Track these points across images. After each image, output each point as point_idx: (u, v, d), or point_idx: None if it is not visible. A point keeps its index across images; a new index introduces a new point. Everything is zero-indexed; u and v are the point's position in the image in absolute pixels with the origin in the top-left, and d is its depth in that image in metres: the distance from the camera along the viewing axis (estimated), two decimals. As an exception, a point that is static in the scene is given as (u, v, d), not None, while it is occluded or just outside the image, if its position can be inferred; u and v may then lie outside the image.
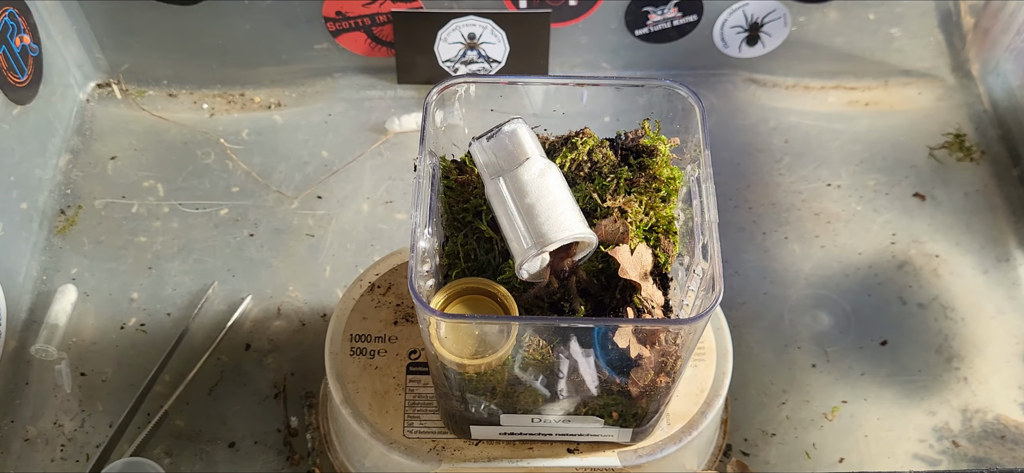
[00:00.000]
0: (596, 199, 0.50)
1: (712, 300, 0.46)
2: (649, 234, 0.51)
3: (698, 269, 0.49)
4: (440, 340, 0.48)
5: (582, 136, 0.52)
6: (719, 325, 0.62)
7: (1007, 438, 0.70)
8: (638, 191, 0.51)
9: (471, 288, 0.48)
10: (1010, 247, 0.80)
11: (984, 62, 0.91)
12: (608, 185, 0.51)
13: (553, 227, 0.46)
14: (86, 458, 0.68)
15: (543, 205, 0.46)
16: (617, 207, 0.50)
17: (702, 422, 0.58)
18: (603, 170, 0.51)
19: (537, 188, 0.47)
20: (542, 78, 0.50)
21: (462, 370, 0.48)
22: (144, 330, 0.74)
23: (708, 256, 0.48)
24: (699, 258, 0.49)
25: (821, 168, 0.85)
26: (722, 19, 0.87)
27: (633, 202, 0.50)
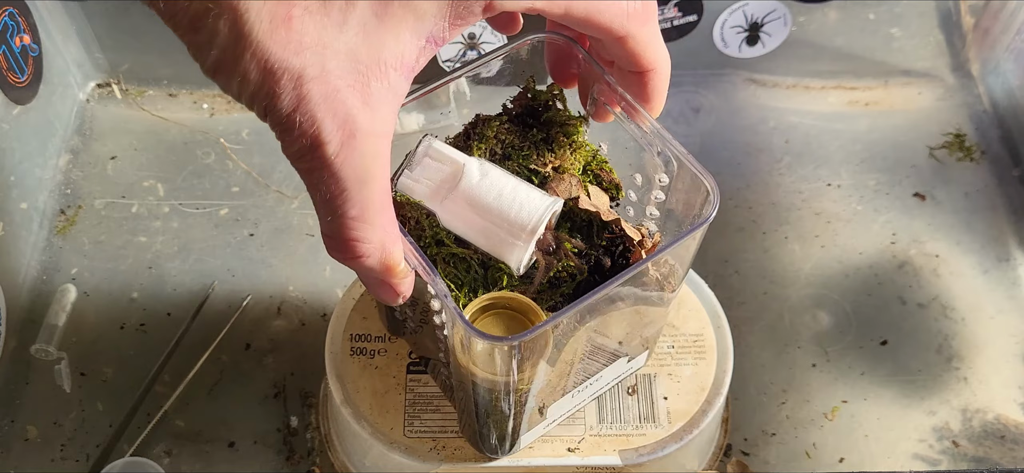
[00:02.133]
0: (527, 172, 0.49)
1: (711, 205, 0.45)
2: (584, 176, 0.51)
3: (658, 178, 0.49)
4: (480, 366, 0.46)
5: (483, 123, 0.51)
6: (719, 324, 0.62)
7: (1007, 438, 0.70)
8: (558, 145, 0.50)
9: (485, 307, 0.47)
10: (1010, 247, 0.80)
11: (984, 62, 0.91)
12: (529, 153, 0.50)
13: (527, 213, 0.45)
14: (86, 458, 0.68)
15: (505, 199, 0.45)
16: (552, 168, 0.49)
17: (703, 421, 0.58)
18: (515, 144, 0.50)
19: (488, 188, 0.45)
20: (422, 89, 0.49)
21: (519, 385, 0.48)
22: (144, 330, 0.74)
23: (667, 162, 0.48)
24: (656, 173, 0.49)
25: (821, 168, 0.85)
26: (722, 19, 0.87)
27: (563, 156, 0.50)
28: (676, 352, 0.61)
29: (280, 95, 0.35)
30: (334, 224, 0.39)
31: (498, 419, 0.51)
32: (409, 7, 0.36)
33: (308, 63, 0.35)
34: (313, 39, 0.35)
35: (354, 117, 0.36)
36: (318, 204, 0.39)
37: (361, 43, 0.36)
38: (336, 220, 0.39)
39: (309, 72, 0.35)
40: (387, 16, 0.36)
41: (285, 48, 0.34)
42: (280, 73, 0.35)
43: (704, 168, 0.46)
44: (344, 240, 0.40)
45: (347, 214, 0.39)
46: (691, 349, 0.61)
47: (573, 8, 0.41)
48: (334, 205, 0.38)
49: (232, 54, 0.35)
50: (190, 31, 0.35)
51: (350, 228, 0.39)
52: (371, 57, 0.36)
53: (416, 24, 0.36)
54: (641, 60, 0.44)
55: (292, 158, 0.38)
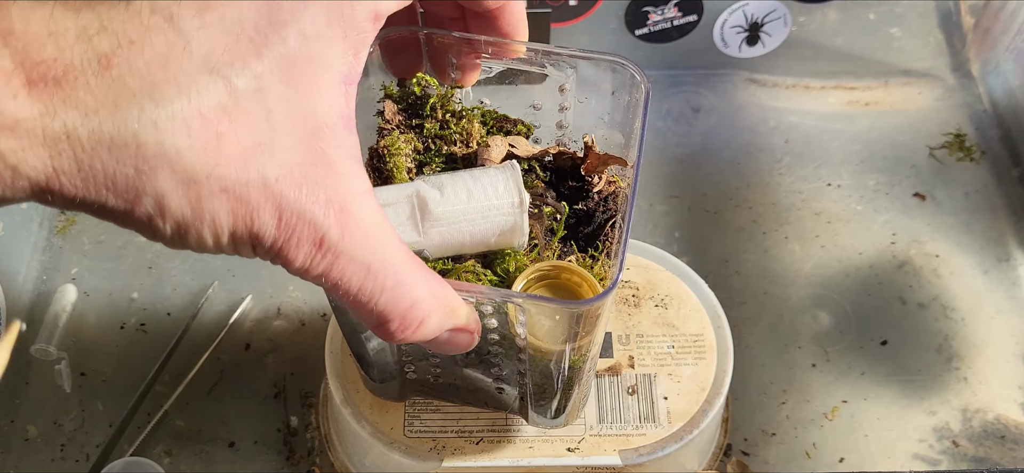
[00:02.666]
0: (455, 162, 0.49)
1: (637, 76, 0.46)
2: (494, 133, 0.51)
3: (560, 89, 0.49)
4: (547, 340, 0.45)
5: (381, 149, 0.50)
6: (719, 324, 0.62)
7: (1007, 438, 0.70)
8: (454, 124, 0.50)
9: (539, 277, 0.46)
10: (1010, 247, 0.80)
11: (984, 62, 0.91)
12: (439, 146, 0.50)
13: (503, 191, 0.44)
14: (86, 458, 0.68)
15: (476, 195, 0.44)
16: (464, 144, 0.49)
17: (703, 420, 0.58)
18: (420, 148, 0.50)
19: (455, 196, 0.44)
20: None
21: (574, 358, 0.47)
22: (144, 330, 0.74)
23: (565, 68, 0.48)
24: (551, 93, 0.49)
25: (821, 168, 0.85)
26: (722, 19, 0.87)
27: (467, 128, 0.50)
28: (676, 352, 0.61)
29: (257, 216, 0.33)
30: (380, 309, 0.37)
31: (570, 380, 0.50)
32: (311, 64, 0.34)
33: (264, 167, 0.33)
34: (252, 141, 0.32)
35: (335, 191, 0.34)
36: (353, 305, 0.37)
37: (295, 120, 0.33)
38: (379, 304, 0.37)
39: (270, 174, 0.33)
40: (299, 83, 0.33)
41: (237, 167, 0.32)
42: (243, 191, 0.32)
43: (603, 52, 0.46)
44: (399, 317, 0.37)
45: (387, 290, 0.36)
46: (691, 349, 0.61)
47: None
48: (368, 291, 0.36)
49: (188, 206, 0.32)
50: (132, 212, 0.32)
51: (397, 302, 0.37)
52: (310, 128, 0.34)
53: (327, 74, 0.34)
54: None
55: (303, 273, 0.35)
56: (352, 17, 0.35)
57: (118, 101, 0.31)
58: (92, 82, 0.30)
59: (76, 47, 0.30)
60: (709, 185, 0.84)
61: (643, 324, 0.62)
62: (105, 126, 0.31)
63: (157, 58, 0.31)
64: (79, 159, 0.31)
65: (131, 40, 0.31)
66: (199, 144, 0.31)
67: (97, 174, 0.31)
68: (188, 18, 0.32)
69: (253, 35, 0.32)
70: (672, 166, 0.85)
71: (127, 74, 0.31)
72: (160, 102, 0.31)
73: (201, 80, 0.31)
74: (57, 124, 0.30)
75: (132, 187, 0.31)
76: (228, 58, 0.32)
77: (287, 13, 0.33)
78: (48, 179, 0.31)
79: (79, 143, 0.31)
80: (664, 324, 0.62)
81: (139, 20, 0.31)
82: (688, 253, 0.80)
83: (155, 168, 0.31)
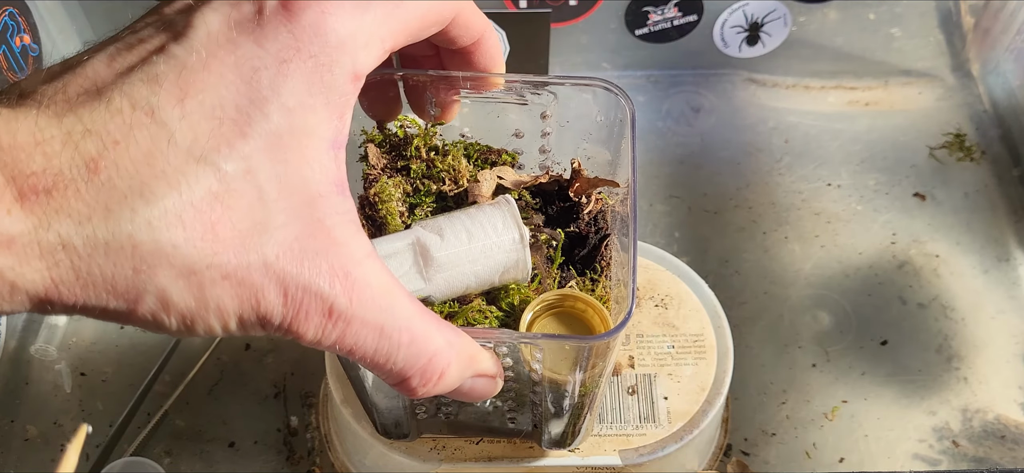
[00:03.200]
0: (446, 202, 0.50)
1: (621, 101, 0.46)
2: (478, 166, 0.51)
3: (541, 116, 0.49)
4: (541, 362, 0.45)
5: (371, 197, 0.50)
6: (719, 324, 0.62)
7: (1007, 438, 0.69)
8: (439, 162, 0.50)
9: (545, 308, 0.46)
10: (1010, 247, 0.80)
11: (984, 62, 0.91)
12: (428, 186, 0.50)
13: (503, 228, 0.45)
14: (86, 458, 0.68)
15: (476, 236, 0.44)
16: (454, 181, 0.49)
17: (703, 421, 0.58)
18: (409, 191, 0.50)
19: (455, 239, 0.44)
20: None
21: (584, 386, 0.48)
22: (144, 330, 0.74)
23: (548, 97, 0.48)
24: (532, 120, 0.49)
25: (821, 168, 0.85)
26: (722, 19, 0.87)
27: (453, 165, 0.50)
28: (676, 352, 0.61)
29: (263, 297, 0.33)
30: (399, 368, 0.37)
31: (584, 405, 0.51)
32: (297, 135, 0.33)
33: (263, 247, 0.32)
34: (247, 223, 0.32)
35: (337, 259, 0.34)
36: (372, 367, 0.37)
37: (288, 195, 0.33)
38: (397, 363, 0.36)
39: (269, 254, 0.33)
40: (288, 157, 0.33)
41: (236, 252, 0.32)
42: (244, 275, 0.32)
43: (584, 77, 0.46)
44: (419, 372, 0.37)
45: (403, 347, 0.36)
46: (691, 349, 0.61)
47: (414, 25, 0.38)
48: (385, 351, 0.36)
49: (191, 298, 0.32)
50: (134, 311, 0.32)
51: (416, 358, 0.37)
52: (304, 200, 0.33)
53: (314, 142, 0.34)
54: (473, 27, 0.42)
55: (317, 343, 0.35)
56: (332, 81, 0.34)
57: (109, 204, 0.30)
58: (82, 189, 0.30)
59: (63, 154, 0.30)
60: (709, 185, 0.84)
61: (643, 324, 0.62)
62: (99, 231, 0.30)
63: (143, 155, 0.31)
64: (77, 267, 0.31)
65: (115, 140, 0.31)
66: (195, 235, 0.31)
67: (95, 279, 0.31)
68: (169, 109, 0.31)
69: (236, 116, 0.32)
70: (672, 166, 0.85)
71: (115, 176, 0.30)
72: (151, 200, 0.31)
73: (189, 171, 0.31)
74: (52, 235, 0.30)
75: (132, 287, 0.31)
76: (213, 144, 0.32)
77: (266, 89, 0.33)
78: (47, 290, 0.31)
79: (75, 251, 0.30)
80: (664, 324, 0.62)
81: (121, 118, 0.31)
82: (688, 253, 0.80)
83: (153, 266, 0.31)
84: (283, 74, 0.33)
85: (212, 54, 0.32)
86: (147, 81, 0.32)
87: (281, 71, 0.33)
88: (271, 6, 0.33)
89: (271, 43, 0.33)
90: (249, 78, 0.33)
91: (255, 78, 0.33)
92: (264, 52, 0.33)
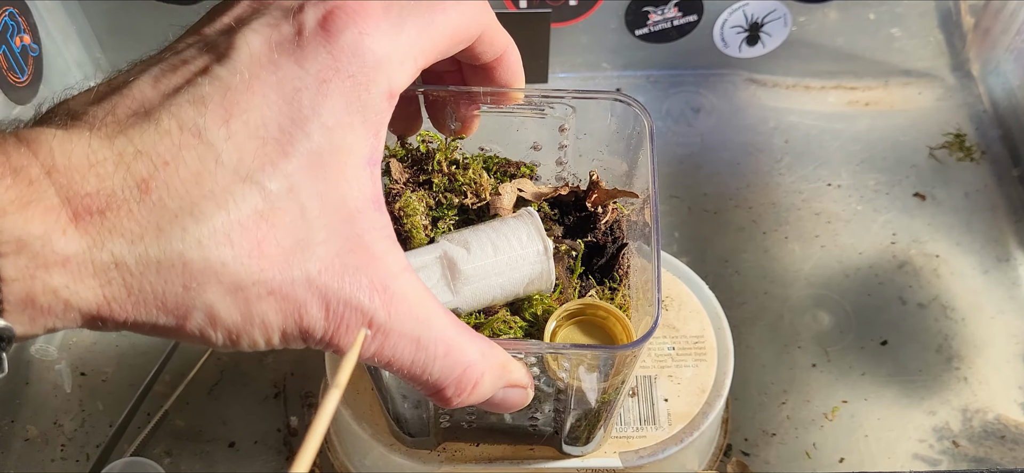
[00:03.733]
0: (469, 215, 0.50)
1: (641, 115, 0.47)
2: (498, 178, 0.52)
3: (559, 129, 0.51)
4: (567, 371, 0.46)
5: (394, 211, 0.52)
6: (720, 325, 0.62)
7: (1007, 438, 0.70)
8: (460, 175, 0.51)
9: (568, 317, 0.47)
10: (1010, 247, 0.80)
11: (984, 62, 0.91)
12: (451, 199, 0.51)
13: (527, 240, 0.45)
14: (86, 458, 0.68)
15: (501, 248, 0.45)
16: (476, 195, 0.50)
17: (703, 422, 0.58)
18: (431, 204, 0.51)
19: (481, 251, 0.45)
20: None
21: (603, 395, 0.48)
22: (144, 330, 0.74)
23: (566, 110, 0.49)
24: (551, 132, 0.50)
25: (821, 168, 0.85)
26: (722, 19, 0.87)
27: (474, 179, 0.51)
28: (676, 354, 0.61)
29: (306, 312, 0.34)
30: (435, 378, 0.38)
31: (606, 410, 0.51)
32: (336, 153, 0.34)
33: (306, 263, 0.33)
34: (291, 240, 0.33)
35: (376, 274, 0.35)
36: (408, 378, 0.38)
37: (329, 212, 0.34)
38: (433, 374, 0.37)
39: (312, 270, 0.34)
40: (328, 175, 0.34)
41: (280, 268, 0.33)
42: (289, 290, 0.33)
43: (604, 91, 0.47)
44: (454, 383, 0.38)
45: (438, 358, 0.37)
46: (692, 351, 0.61)
47: (444, 43, 0.39)
48: (422, 363, 0.37)
49: (238, 314, 0.33)
50: (183, 327, 0.33)
51: (451, 369, 0.38)
52: (344, 217, 0.34)
53: (353, 160, 0.35)
54: (496, 43, 0.43)
55: (364, 356, 0.36)
56: (369, 101, 0.35)
57: (161, 224, 0.31)
58: (135, 209, 0.31)
59: (116, 176, 0.31)
60: (709, 185, 0.84)
61: (643, 325, 0.62)
62: (151, 250, 0.31)
63: (191, 175, 0.32)
64: (129, 285, 0.31)
65: (165, 161, 0.32)
66: (243, 253, 0.32)
67: (147, 297, 0.32)
68: (215, 129, 0.32)
69: (279, 136, 0.33)
70: (672, 166, 0.85)
71: (166, 196, 0.31)
72: (200, 219, 0.32)
73: (236, 190, 0.32)
74: (105, 255, 0.31)
75: (182, 304, 0.32)
76: (258, 163, 0.33)
77: (308, 109, 0.34)
78: (99, 308, 0.32)
79: (127, 269, 0.31)
80: (665, 326, 0.62)
81: (169, 139, 0.32)
82: (688, 253, 0.80)
83: (202, 283, 0.32)
84: (323, 94, 0.34)
85: (255, 75, 0.33)
86: (193, 102, 0.33)
87: (321, 91, 0.34)
88: (310, 27, 0.34)
89: (311, 63, 0.34)
90: (291, 98, 0.33)
91: (296, 98, 0.33)
92: (304, 72, 0.34)
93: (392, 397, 0.52)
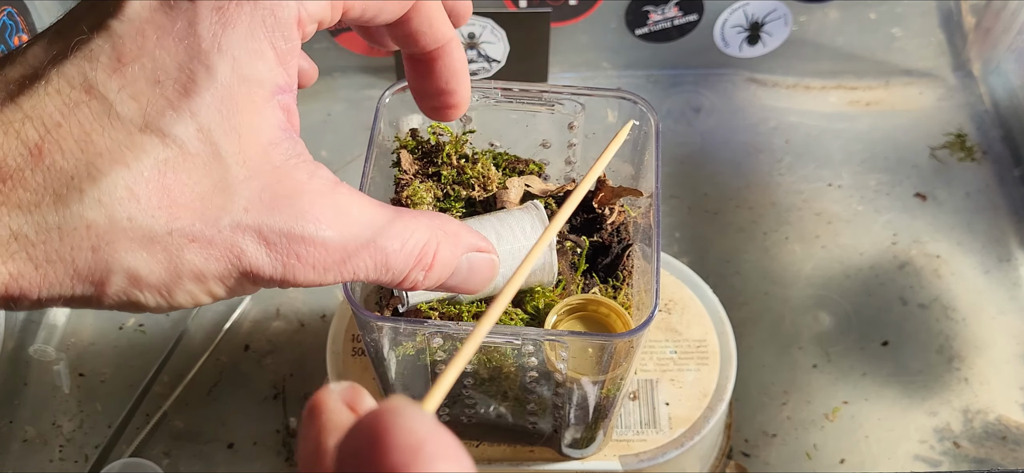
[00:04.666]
0: (475, 206, 0.51)
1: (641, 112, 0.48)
2: (506, 173, 0.52)
3: (569, 126, 0.51)
4: (566, 362, 0.46)
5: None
6: (723, 330, 0.62)
7: (1008, 439, 0.69)
8: (468, 169, 0.51)
9: (569, 311, 0.47)
10: (1011, 247, 0.80)
11: (985, 62, 0.91)
12: (458, 191, 0.51)
13: (526, 230, 0.46)
14: (85, 458, 0.68)
15: (504, 237, 0.45)
16: (483, 187, 0.51)
17: (704, 427, 0.58)
18: (439, 195, 0.51)
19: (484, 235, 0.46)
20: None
21: (605, 388, 0.48)
22: (143, 330, 0.74)
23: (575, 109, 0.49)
24: (559, 130, 0.51)
25: (822, 168, 0.85)
26: (723, 18, 0.87)
27: (482, 172, 0.51)
28: (678, 357, 0.61)
29: (242, 253, 0.32)
30: (397, 270, 0.36)
31: (605, 409, 0.51)
32: (246, 85, 0.32)
33: (229, 204, 0.32)
34: (208, 183, 0.31)
35: (313, 196, 0.33)
36: (374, 280, 0.37)
37: (245, 147, 0.32)
38: (395, 268, 0.36)
39: (237, 209, 0.32)
40: (239, 108, 0.32)
41: (199, 214, 0.31)
42: (213, 235, 0.32)
43: (612, 89, 0.48)
44: (418, 264, 0.37)
45: (395, 251, 0.36)
46: (694, 354, 0.61)
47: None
48: (382, 263, 0.36)
49: (161, 268, 0.31)
50: (104, 292, 0.31)
51: (410, 254, 0.36)
52: (261, 149, 0.33)
53: (263, 91, 0.33)
54: (436, 27, 0.39)
55: (318, 282, 0.34)
56: (276, 25, 0.33)
57: (57, 189, 0.30)
58: (28, 176, 0.30)
59: (4, 145, 0.30)
60: (709, 185, 0.84)
61: (644, 327, 0.62)
62: (49, 217, 0.30)
63: (85, 134, 0.30)
64: (33, 257, 0.30)
65: (57, 122, 0.30)
66: (151, 205, 0.30)
67: (55, 267, 0.30)
68: (106, 81, 0.31)
69: (178, 76, 0.31)
70: (672, 166, 0.85)
71: (60, 158, 0.30)
72: (98, 178, 0.30)
73: (135, 142, 0.30)
74: (2, 230, 0.29)
75: (95, 268, 0.31)
76: (159, 109, 0.31)
77: (207, 41, 0.32)
78: (6, 285, 0.30)
79: (28, 241, 0.30)
80: (667, 329, 0.62)
81: (60, 98, 0.30)
82: (688, 253, 0.79)
83: (111, 243, 0.30)
84: (222, 22, 0.32)
85: (147, 19, 0.31)
86: (84, 58, 0.31)
87: (220, 19, 0.32)
88: None
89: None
90: (186, 33, 0.31)
91: (193, 31, 0.31)
92: (201, 5, 0.32)
93: (395, 389, 0.51)
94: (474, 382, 0.50)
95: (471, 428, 0.56)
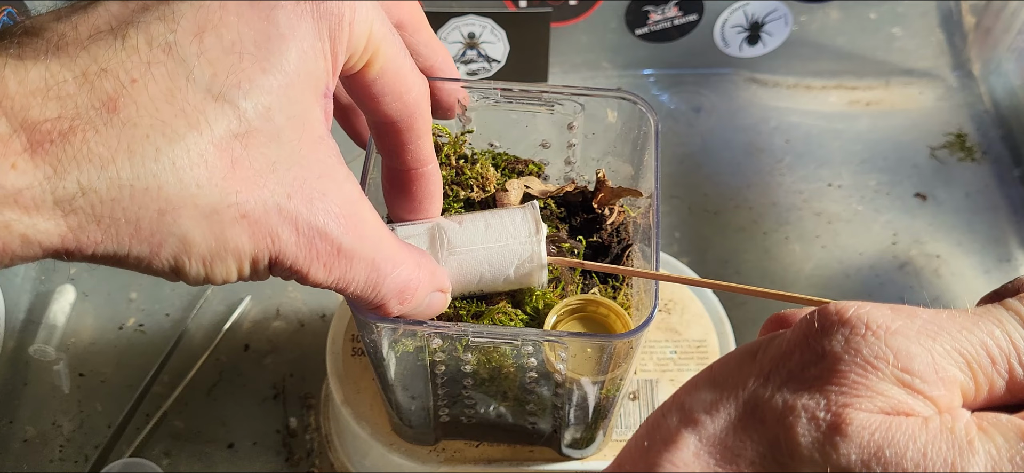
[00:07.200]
0: (471, 205, 0.51)
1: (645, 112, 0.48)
2: (506, 175, 0.53)
3: (569, 126, 0.51)
4: (565, 362, 0.46)
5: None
6: (723, 330, 0.62)
7: (1008, 439, 0.69)
8: (468, 169, 0.52)
9: (569, 312, 0.47)
10: (1011, 247, 0.80)
11: (985, 62, 0.91)
12: (456, 191, 0.51)
13: (516, 221, 0.45)
14: (85, 459, 0.68)
15: (494, 225, 0.45)
16: (481, 187, 0.51)
17: (704, 425, 0.58)
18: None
19: (471, 226, 0.45)
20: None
21: (606, 387, 0.48)
22: (143, 330, 0.74)
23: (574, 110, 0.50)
24: (558, 130, 0.51)
25: (822, 168, 0.85)
26: (723, 18, 0.87)
27: (481, 173, 0.51)
28: (678, 358, 0.61)
29: (277, 236, 0.33)
30: (382, 296, 0.38)
31: (605, 410, 0.52)
32: (306, 77, 0.34)
33: (277, 187, 0.32)
34: (264, 162, 0.32)
35: (341, 199, 0.35)
36: (356, 298, 0.38)
37: (299, 136, 0.33)
38: (381, 292, 0.38)
39: (281, 194, 0.33)
40: (298, 97, 0.34)
41: (253, 191, 0.32)
42: (261, 215, 0.32)
43: (611, 89, 0.48)
44: (398, 296, 0.38)
45: (388, 277, 0.38)
46: (694, 355, 0.61)
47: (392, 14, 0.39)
48: (373, 282, 0.37)
49: (212, 239, 0.32)
50: (157, 255, 0.31)
51: (395, 283, 0.38)
52: (311, 141, 0.34)
53: (317, 87, 0.34)
54: (403, 93, 0.41)
55: (319, 282, 0.35)
56: (338, 35, 0.35)
57: (131, 145, 0.30)
58: (102, 130, 0.29)
59: (80, 94, 0.29)
60: (709, 185, 0.84)
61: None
62: (123, 173, 0.30)
63: (161, 93, 0.30)
64: (98, 213, 0.30)
65: (133, 78, 0.30)
66: (218, 175, 0.31)
67: (119, 224, 0.30)
68: (186, 45, 0.31)
69: (255, 52, 0.32)
70: (672, 166, 0.85)
71: (135, 114, 0.30)
72: (173, 139, 0.30)
73: (209, 109, 0.31)
74: (69, 183, 0.29)
75: (157, 231, 0.31)
76: (233, 80, 0.31)
77: (285, 27, 0.33)
78: (63, 239, 0.30)
79: (97, 196, 0.30)
80: (667, 329, 0.62)
81: (137, 56, 0.30)
82: (688, 253, 0.79)
83: (178, 207, 0.31)
84: (298, 14, 0.33)
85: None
86: (163, 18, 0.31)
87: (297, 12, 0.33)
88: None
89: None
90: (267, 15, 0.32)
91: (272, 15, 0.33)
92: None
93: (394, 389, 0.51)
94: (474, 382, 0.50)
95: (471, 428, 0.56)
